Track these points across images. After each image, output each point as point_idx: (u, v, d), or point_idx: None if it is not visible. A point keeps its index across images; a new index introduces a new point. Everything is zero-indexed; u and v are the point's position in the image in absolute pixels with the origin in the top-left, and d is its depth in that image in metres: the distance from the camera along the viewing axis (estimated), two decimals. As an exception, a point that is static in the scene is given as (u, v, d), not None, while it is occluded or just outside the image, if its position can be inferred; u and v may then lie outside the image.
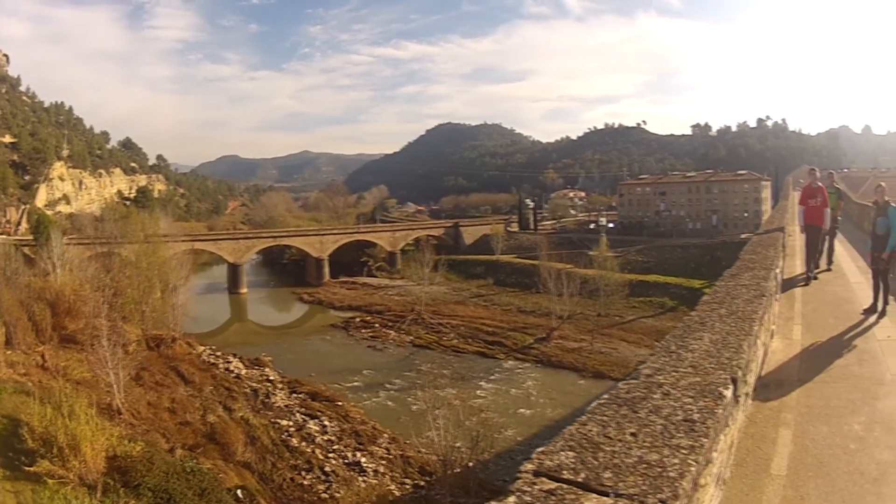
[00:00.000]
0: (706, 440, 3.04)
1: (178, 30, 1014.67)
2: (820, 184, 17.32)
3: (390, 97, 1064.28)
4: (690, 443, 2.97)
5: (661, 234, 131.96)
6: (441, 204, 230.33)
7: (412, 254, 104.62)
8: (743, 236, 75.06)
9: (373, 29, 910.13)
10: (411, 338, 71.32)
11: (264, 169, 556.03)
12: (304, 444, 39.28)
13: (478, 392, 52.17)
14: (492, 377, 57.16)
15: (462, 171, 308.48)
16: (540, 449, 3.03)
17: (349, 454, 38.47)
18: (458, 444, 34.17)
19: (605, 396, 3.58)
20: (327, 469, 35.94)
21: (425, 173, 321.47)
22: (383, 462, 37.57)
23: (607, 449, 2.95)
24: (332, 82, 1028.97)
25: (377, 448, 39.40)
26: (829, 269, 19.03)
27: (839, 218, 19.98)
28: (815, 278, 17.05)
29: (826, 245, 19.27)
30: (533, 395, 52.06)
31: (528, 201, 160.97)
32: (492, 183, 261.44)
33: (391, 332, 73.79)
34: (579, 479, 2.67)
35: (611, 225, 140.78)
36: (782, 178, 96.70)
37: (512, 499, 2.63)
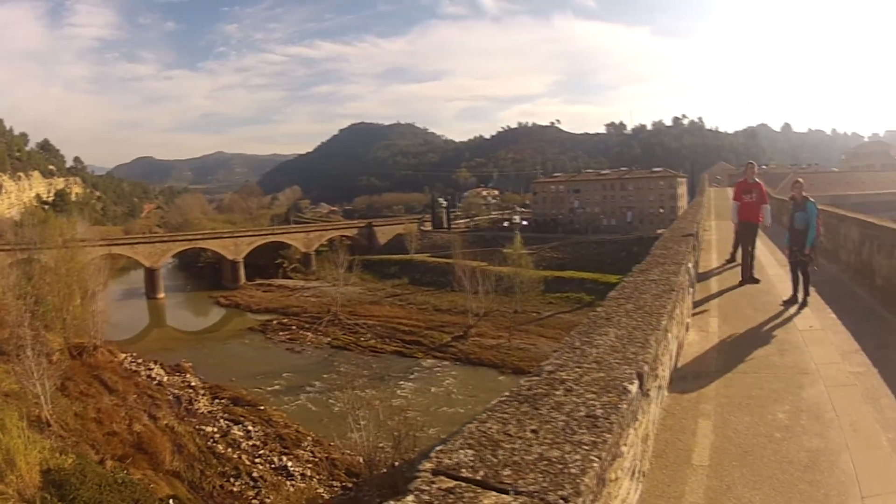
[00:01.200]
0: (609, 435, 3.08)
1: (97, 27, 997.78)
2: (757, 179, 17.21)
3: (304, 97, 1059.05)
4: (593, 438, 3.02)
5: (576, 230, 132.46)
6: (354, 204, 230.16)
7: (326, 255, 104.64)
8: (659, 232, 76.95)
9: (287, 28, 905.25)
10: (329, 339, 71.17)
11: (179, 170, 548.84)
12: (230, 450, 38.94)
13: (398, 392, 52.27)
14: (411, 376, 57.33)
15: (375, 171, 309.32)
16: (439, 447, 3.08)
17: (275, 459, 38.25)
18: (381, 445, 34.41)
19: (507, 394, 3.64)
20: (255, 475, 35.74)
21: (338, 173, 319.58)
22: (309, 465, 37.47)
23: (507, 446, 2.95)
24: (247, 82, 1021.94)
25: (302, 451, 39.25)
26: (734, 261, 19.02)
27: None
28: (757, 281, 16.61)
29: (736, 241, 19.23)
30: (454, 393, 52.39)
31: (441, 200, 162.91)
32: (405, 182, 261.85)
33: (309, 333, 73.55)
34: (478, 477, 2.73)
35: (525, 223, 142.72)
36: (699, 174, 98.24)
37: (410, 498, 2.70)
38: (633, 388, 3.73)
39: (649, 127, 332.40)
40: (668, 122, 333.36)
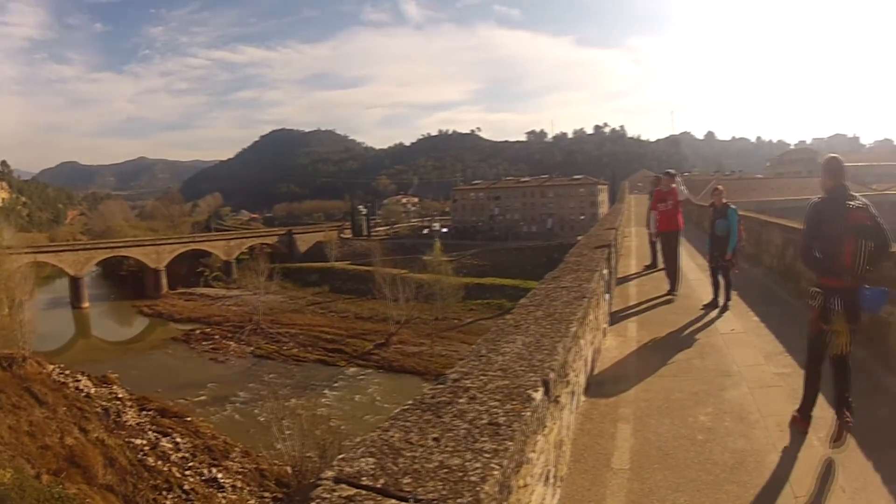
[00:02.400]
0: (511, 443, 3.08)
1: (28, 27, 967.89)
2: (673, 186, 16.88)
3: (226, 102, 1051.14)
4: (494, 446, 3.02)
5: (496, 237, 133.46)
6: (275, 211, 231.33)
7: (247, 263, 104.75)
8: (579, 238, 78.42)
9: (212, 32, 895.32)
10: (252, 348, 71.26)
11: (103, 176, 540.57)
12: (160, 462, 38.30)
13: (322, 400, 52.55)
14: (335, 385, 57.66)
15: (295, 178, 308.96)
16: (341, 456, 3.08)
17: (205, 470, 38.01)
18: (309, 454, 34.34)
19: (410, 402, 3.68)
20: (186, 487, 35.27)
21: (259, 180, 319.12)
22: (239, 476, 37.36)
23: (408, 454, 2.98)
24: (170, 86, 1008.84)
25: (231, 463, 39.09)
26: (664, 269, 18.64)
27: None
28: (675, 294, 15.94)
29: (659, 247, 19.32)
30: (377, 401, 52.61)
31: (360, 208, 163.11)
32: (325, 190, 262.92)
33: (232, 343, 73.44)
34: (378, 486, 2.74)
35: (444, 230, 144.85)
36: (620, 182, 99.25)
37: (312, 506, 2.69)
38: (538, 395, 3.75)
39: (570, 135, 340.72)
40: (590, 131, 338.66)
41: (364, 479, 2.75)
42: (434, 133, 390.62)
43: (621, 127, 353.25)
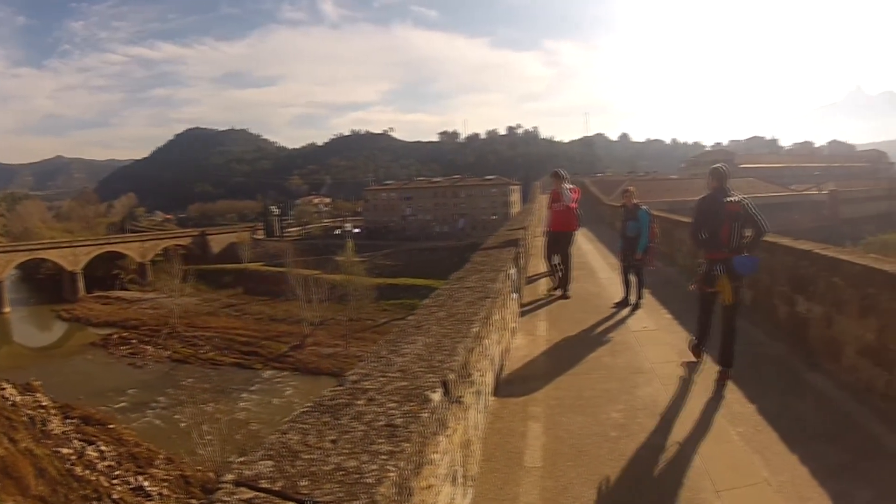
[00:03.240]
0: (407, 444, 3.11)
1: None
2: (569, 186, 16.25)
3: (142, 100, 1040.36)
4: (391, 448, 3.06)
5: (408, 237, 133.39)
6: (188, 212, 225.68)
7: (162, 265, 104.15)
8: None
9: (131, 27, 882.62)
10: (169, 352, 70.75)
11: (21, 175, 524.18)
12: (87, 472, 36.68)
13: (241, 404, 52.61)
14: (252, 388, 57.64)
15: (209, 178, 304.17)
16: (240, 459, 3.08)
17: (131, 479, 36.09)
18: (230, 460, 33.91)
19: (309, 404, 3.70)
20: (115, 496, 33.55)
21: (173, 180, 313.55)
22: (165, 484, 35.90)
23: (306, 457, 3.00)
24: (88, 83, 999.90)
25: (156, 470, 37.62)
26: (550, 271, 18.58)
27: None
28: (567, 297, 15.66)
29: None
30: (295, 404, 50.94)
31: (273, 208, 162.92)
32: (238, 190, 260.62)
33: (149, 347, 72.91)
34: (276, 488, 2.77)
35: (357, 230, 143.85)
36: (532, 182, 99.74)
37: (212, 509, 2.61)
38: (436, 396, 3.78)
39: (483, 136, 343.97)
40: (503, 132, 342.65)
41: (263, 481, 2.81)
42: (347, 133, 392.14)
43: (535, 128, 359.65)
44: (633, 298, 14.01)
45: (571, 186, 15.96)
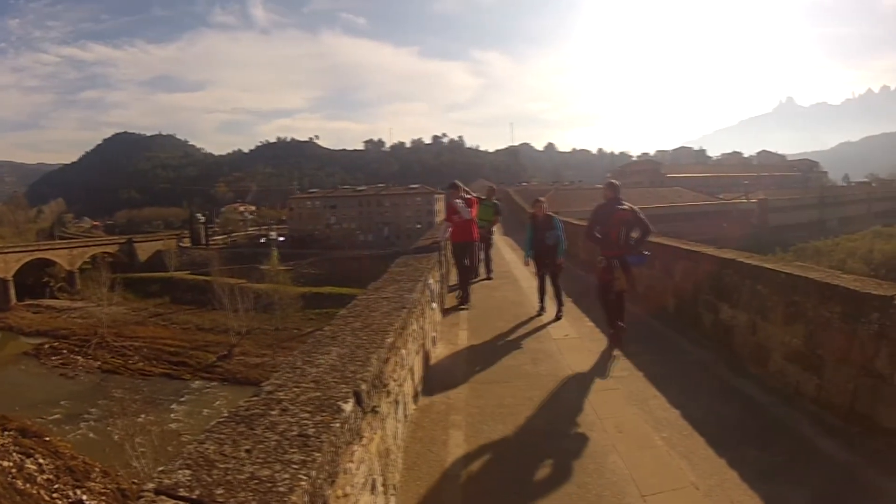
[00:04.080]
0: (319, 454, 3.15)
1: None
2: (468, 197, 16.20)
3: (72, 102, 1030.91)
4: (303, 457, 3.09)
5: (333, 246, 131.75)
6: (116, 218, 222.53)
7: (90, 273, 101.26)
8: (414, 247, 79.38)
9: (64, 27, 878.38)
10: (99, 363, 69.35)
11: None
12: (28, 485, 36.73)
13: (171, 415, 52.02)
14: (182, 399, 57.09)
15: (136, 184, 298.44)
16: (160, 468, 3.08)
17: (70, 492, 36.42)
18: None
19: (226, 414, 3.71)
20: None
21: (102, 185, 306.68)
22: (103, 497, 36.24)
23: (222, 466, 3.03)
24: (21, 83, 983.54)
25: (93, 483, 37.74)
26: (489, 278, 19.58)
27: (493, 230, 20.58)
28: (466, 305, 15.82)
29: (483, 256, 19.74)
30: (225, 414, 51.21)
31: (199, 215, 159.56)
32: (165, 196, 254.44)
33: (80, 357, 71.43)
34: (194, 497, 2.79)
35: (281, 238, 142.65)
36: None
37: (133, 517, 2.73)
38: (348, 406, 3.81)
39: (408, 144, 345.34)
40: (428, 141, 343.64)
41: (181, 490, 2.82)
42: (273, 140, 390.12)
43: (460, 137, 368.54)
44: (546, 305, 14.24)
45: (469, 197, 16.01)
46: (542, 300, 14.29)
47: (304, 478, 2.92)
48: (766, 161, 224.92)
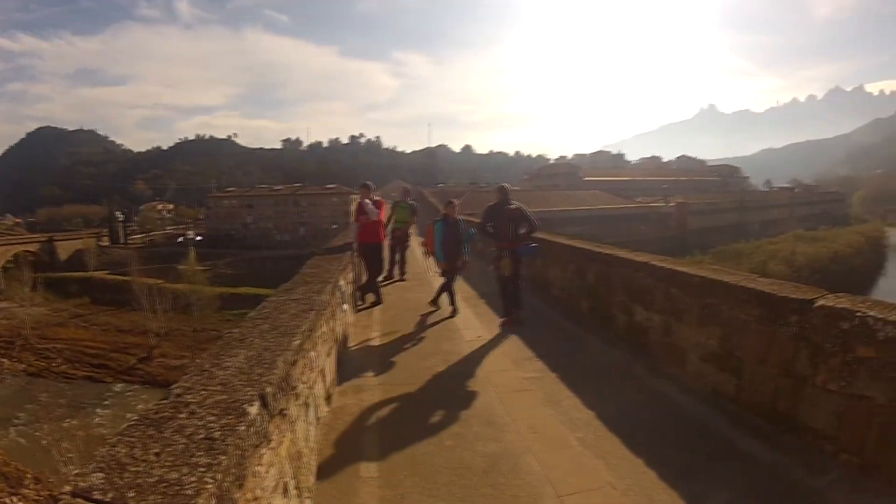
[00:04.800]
0: (224, 457, 3.17)
1: None
2: (378, 198, 16.66)
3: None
4: (209, 461, 3.12)
5: (250, 246, 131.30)
6: (38, 216, 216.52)
7: (13, 272, 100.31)
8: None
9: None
10: (24, 366, 67.17)
11: None
12: None
13: (96, 420, 50.24)
14: (106, 403, 55.57)
15: (58, 180, 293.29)
16: (76, 471, 3.06)
17: (7, 500, 36.41)
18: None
19: (136, 418, 3.73)
20: None
21: (23, 181, 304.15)
22: None
23: (133, 469, 3.04)
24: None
25: (28, 490, 36.45)
26: (402, 279, 19.74)
27: (409, 232, 20.20)
28: (362, 305, 16.02)
29: (399, 257, 20.08)
30: None
31: (118, 214, 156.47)
32: (85, 193, 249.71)
33: (5, 360, 68.73)
34: (108, 499, 2.79)
35: (199, 238, 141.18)
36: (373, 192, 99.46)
37: (50, 521, 2.90)
38: (254, 409, 3.82)
39: (326, 144, 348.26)
40: (346, 141, 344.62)
41: (95, 493, 2.82)
42: (192, 138, 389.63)
43: (377, 138, 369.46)
44: (453, 307, 14.43)
45: (377, 199, 16.35)
46: (452, 302, 14.50)
47: (211, 481, 2.95)
48: (686, 166, 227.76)
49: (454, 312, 14.23)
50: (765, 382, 7.08)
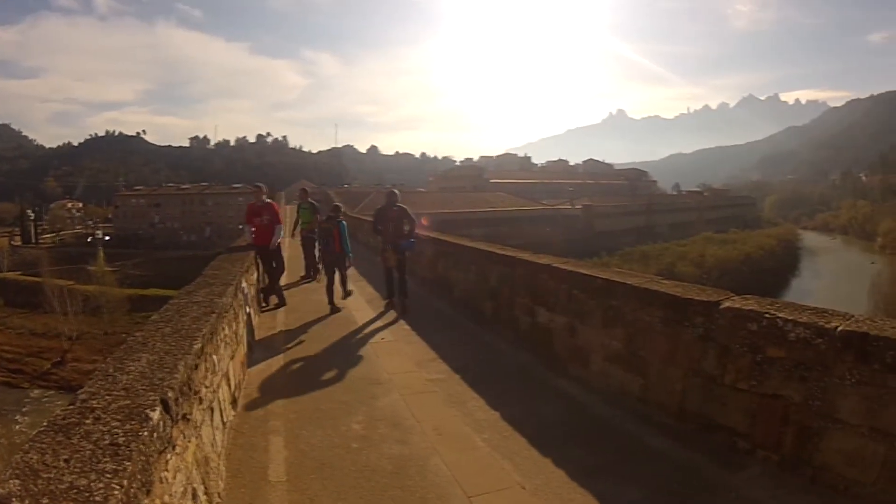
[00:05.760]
0: (129, 463, 3.16)
1: None
2: (268, 200, 16.56)
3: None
4: (115, 467, 3.10)
5: (158, 246, 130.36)
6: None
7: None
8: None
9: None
10: (-55, 370, 65.64)
11: None
12: None
13: (17, 427, 49.78)
14: (24, 409, 54.69)
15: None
16: None
17: None
18: None
19: (46, 423, 3.65)
20: None
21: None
22: None
23: (45, 476, 3.01)
24: None
25: None
26: (312, 279, 20.08)
27: (315, 230, 19.50)
28: (269, 305, 16.31)
29: (305, 257, 20.50)
30: None
31: (29, 212, 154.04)
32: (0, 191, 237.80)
33: (-74, 366, 67.57)
34: None
35: (108, 238, 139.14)
36: (278, 192, 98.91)
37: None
38: (156, 414, 3.80)
39: (233, 143, 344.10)
40: (252, 139, 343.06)
41: (14, 500, 2.78)
42: (102, 134, 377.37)
43: (284, 137, 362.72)
44: (342, 294, 16.33)
45: (269, 201, 16.43)
46: (343, 289, 16.47)
47: (117, 487, 2.95)
48: (593, 169, 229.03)
49: (345, 297, 16.44)
50: (672, 382, 7.18)
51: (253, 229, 16.00)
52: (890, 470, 4.85)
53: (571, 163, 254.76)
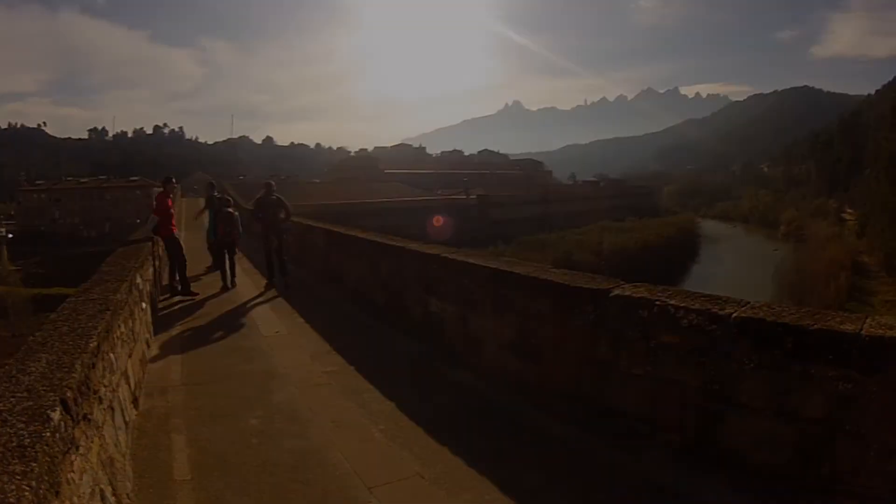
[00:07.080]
0: (35, 464, 3.13)
1: None
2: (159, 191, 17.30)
3: None
4: (23, 468, 3.06)
5: (59, 243, 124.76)
6: None
7: None
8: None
9: None
10: None
11: None
12: None
13: None
14: None
15: None
16: None
17: None
18: None
19: None
20: None
21: None
22: None
23: None
24: None
25: None
26: (211, 270, 20.13)
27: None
28: (181, 294, 16.56)
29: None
30: None
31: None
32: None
33: None
34: None
35: (10, 235, 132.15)
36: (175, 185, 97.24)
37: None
38: (56, 414, 3.74)
39: (130, 134, 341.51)
40: (150, 131, 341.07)
41: None
42: (4, 126, 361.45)
43: (180, 128, 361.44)
44: (229, 283, 17.59)
45: (160, 191, 17.23)
46: (230, 276, 17.78)
47: (27, 488, 2.93)
48: (489, 160, 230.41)
49: (233, 285, 17.59)
50: (567, 369, 7.25)
51: (158, 219, 16.29)
52: (802, 452, 4.97)
53: (467, 153, 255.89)
